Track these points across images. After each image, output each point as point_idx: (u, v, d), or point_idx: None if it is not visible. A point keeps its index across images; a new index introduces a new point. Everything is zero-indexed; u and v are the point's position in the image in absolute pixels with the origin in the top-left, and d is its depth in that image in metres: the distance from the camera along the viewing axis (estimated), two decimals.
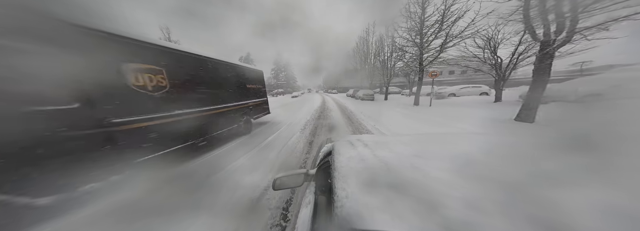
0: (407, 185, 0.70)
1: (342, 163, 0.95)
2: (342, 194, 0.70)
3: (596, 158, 0.68)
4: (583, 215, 0.50)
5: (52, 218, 2.07)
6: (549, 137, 0.95)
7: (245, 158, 3.99)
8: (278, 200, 2.43)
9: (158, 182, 2.86)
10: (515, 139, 1.07)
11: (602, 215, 0.50)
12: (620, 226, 0.47)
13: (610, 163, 0.64)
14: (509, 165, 0.78)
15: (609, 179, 0.60)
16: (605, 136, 0.75)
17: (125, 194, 2.50)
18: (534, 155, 0.85)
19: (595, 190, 0.57)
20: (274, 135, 5.94)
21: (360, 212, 0.60)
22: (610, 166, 0.64)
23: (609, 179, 0.60)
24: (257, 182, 2.91)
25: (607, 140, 0.73)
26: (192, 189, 2.75)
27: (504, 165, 0.79)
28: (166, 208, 2.29)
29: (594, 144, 0.73)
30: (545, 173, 0.69)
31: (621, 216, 0.49)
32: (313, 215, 0.97)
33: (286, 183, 1.27)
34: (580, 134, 0.82)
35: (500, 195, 0.60)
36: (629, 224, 0.47)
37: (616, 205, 0.51)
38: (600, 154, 0.69)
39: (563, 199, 0.56)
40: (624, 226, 0.47)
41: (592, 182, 0.60)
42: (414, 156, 0.94)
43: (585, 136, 0.79)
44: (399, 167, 0.84)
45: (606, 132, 0.77)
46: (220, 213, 2.24)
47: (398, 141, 1.20)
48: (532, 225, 0.50)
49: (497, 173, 0.73)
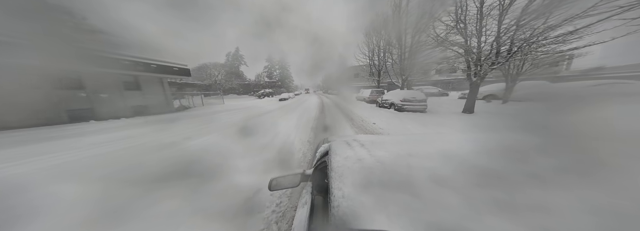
0: (403, 185, 0.70)
1: (339, 163, 0.94)
2: (339, 194, 0.70)
3: (577, 158, 0.69)
4: (571, 214, 0.51)
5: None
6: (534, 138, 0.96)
7: None
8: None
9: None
10: (508, 139, 1.07)
11: (589, 214, 0.50)
12: (605, 224, 0.48)
13: (590, 163, 0.65)
14: (502, 164, 0.78)
15: (592, 179, 0.61)
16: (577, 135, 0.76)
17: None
18: (523, 154, 0.85)
19: (582, 189, 0.58)
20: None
21: (356, 212, 0.60)
22: (590, 166, 0.65)
23: (592, 179, 0.61)
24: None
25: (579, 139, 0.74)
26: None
27: (497, 164, 0.79)
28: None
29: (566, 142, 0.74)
30: (533, 172, 0.69)
31: (606, 214, 0.50)
32: (310, 215, 0.97)
33: (282, 183, 1.26)
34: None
35: (493, 194, 0.61)
36: (614, 221, 0.48)
37: (600, 204, 0.52)
38: (580, 155, 0.70)
39: (552, 198, 0.57)
40: (609, 224, 0.48)
41: (576, 181, 0.61)
42: (409, 155, 0.93)
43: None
44: (395, 167, 0.84)
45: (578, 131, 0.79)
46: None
47: (394, 141, 1.20)
48: (524, 223, 0.50)
49: (491, 172, 0.73)
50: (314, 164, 1.46)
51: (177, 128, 6.84)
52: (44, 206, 2.12)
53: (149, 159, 3.46)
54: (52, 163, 3.47)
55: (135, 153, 4.02)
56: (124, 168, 3.08)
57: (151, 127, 7.66)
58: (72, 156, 3.88)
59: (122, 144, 4.67)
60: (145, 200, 2.12)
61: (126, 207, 2.02)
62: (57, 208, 2.08)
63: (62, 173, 3.03)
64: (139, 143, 4.70)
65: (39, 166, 3.36)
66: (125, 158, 3.71)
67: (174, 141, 4.57)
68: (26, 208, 2.09)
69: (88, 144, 4.74)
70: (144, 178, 2.63)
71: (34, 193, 2.34)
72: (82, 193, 2.29)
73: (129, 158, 3.64)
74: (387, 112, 9.29)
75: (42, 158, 3.75)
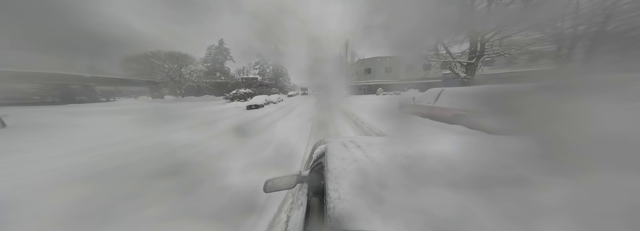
0: (397, 186, 0.70)
1: (335, 164, 0.94)
2: (334, 195, 0.70)
3: (563, 159, 0.71)
4: (559, 214, 0.53)
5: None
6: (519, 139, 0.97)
7: None
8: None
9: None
10: (501, 141, 1.09)
11: (576, 214, 0.52)
12: (593, 223, 0.49)
13: (575, 163, 0.67)
14: (495, 166, 0.80)
15: (578, 179, 0.63)
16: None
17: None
18: (515, 156, 0.87)
19: (568, 190, 0.59)
20: None
21: (352, 213, 0.60)
22: (575, 167, 0.66)
23: (578, 179, 0.63)
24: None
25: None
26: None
27: (490, 165, 0.80)
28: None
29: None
30: (525, 173, 0.71)
31: (592, 213, 0.51)
32: (305, 216, 0.97)
33: (278, 185, 1.25)
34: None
35: (487, 194, 0.62)
36: (601, 220, 0.49)
37: (585, 203, 0.54)
38: (564, 156, 0.72)
39: (543, 198, 0.58)
40: (597, 222, 0.49)
41: (564, 182, 0.63)
42: (405, 157, 0.94)
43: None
44: (390, 168, 0.84)
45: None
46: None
47: (389, 143, 1.21)
48: (516, 224, 0.51)
49: (484, 173, 0.74)
50: (310, 165, 1.46)
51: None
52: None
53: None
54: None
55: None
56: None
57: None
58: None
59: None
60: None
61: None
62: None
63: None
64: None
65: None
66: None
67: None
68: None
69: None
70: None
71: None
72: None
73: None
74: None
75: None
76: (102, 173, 3.19)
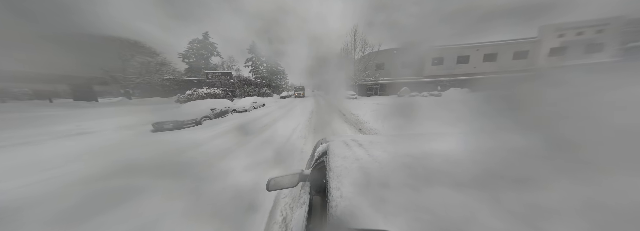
0: (400, 184, 0.70)
1: (337, 162, 0.94)
2: (337, 194, 0.70)
3: (570, 158, 0.70)
4: (566, 214, 0.52)
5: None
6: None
7: None
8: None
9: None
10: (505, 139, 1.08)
11: (583, 213, 0.51)
12: (597, 221, 0.49)
13: (583, 162, 0.66)
14: (499, 164, 0.79)
15: (585, 178, 0.62)
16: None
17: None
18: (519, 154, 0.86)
19: (575, 189, 0.59)
20: None
21: (354, 212, 0.60)
22: (583, 166, 0.66)
23: (585, 178, 0.62)
24: None
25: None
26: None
27: (494, 164, 0.79)
28: None
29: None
30: (529, 172, 0.70)
31: (598, 211, 0.50)
32: (308, 215, 0.97)
33: (281, 183, 1.26)
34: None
35: (490, 193, 0.61)
36: (607, 218, 0.49)
37: (591, 201, 0.53)
38: (572, 154, 0.71)
39: (548, 198, 0.58)
40: (602, 220, 0.48)
41: (570, 181, 0.62)
42: (407, 155, 0.94)
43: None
44: (392, 166, 0.84)
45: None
46: None
47: (392, 141, 1.20)
48: (520, 223, 0.51)
49: (488, 171, 0.74)
50: (312, 164, 1.46)
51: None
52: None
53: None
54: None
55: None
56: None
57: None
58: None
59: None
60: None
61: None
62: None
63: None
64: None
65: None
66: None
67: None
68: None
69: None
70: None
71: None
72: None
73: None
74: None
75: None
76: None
